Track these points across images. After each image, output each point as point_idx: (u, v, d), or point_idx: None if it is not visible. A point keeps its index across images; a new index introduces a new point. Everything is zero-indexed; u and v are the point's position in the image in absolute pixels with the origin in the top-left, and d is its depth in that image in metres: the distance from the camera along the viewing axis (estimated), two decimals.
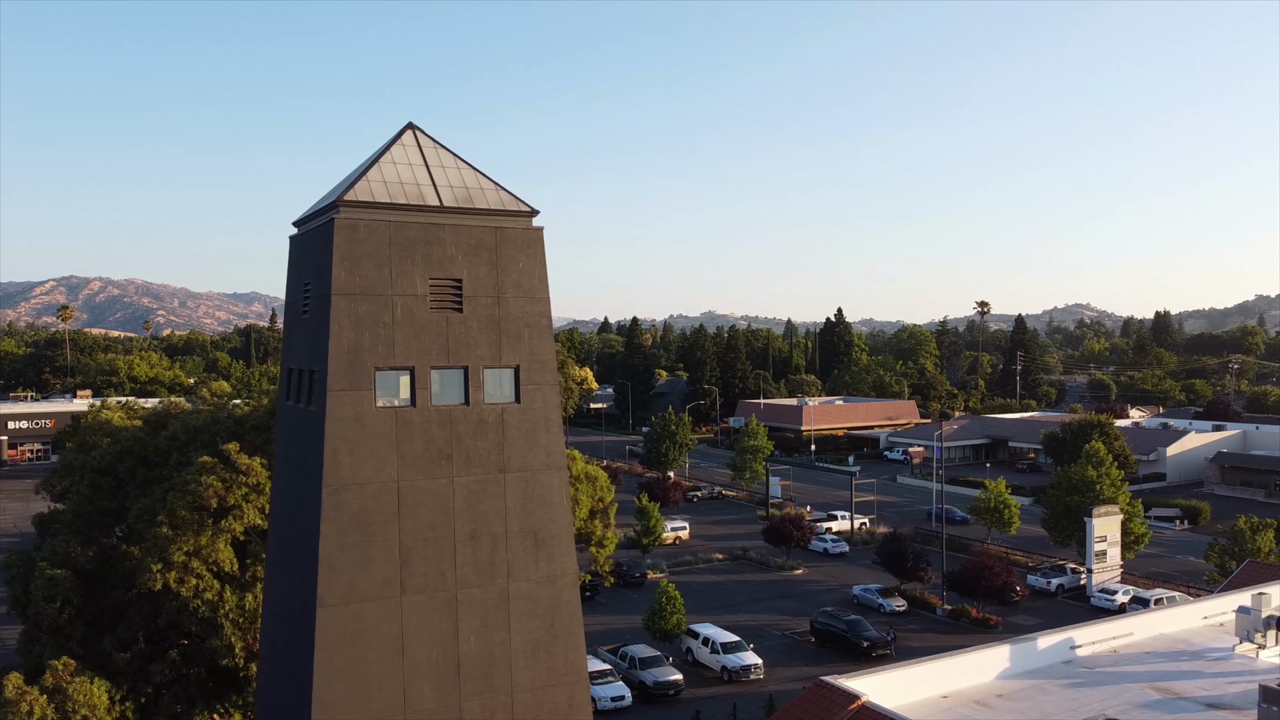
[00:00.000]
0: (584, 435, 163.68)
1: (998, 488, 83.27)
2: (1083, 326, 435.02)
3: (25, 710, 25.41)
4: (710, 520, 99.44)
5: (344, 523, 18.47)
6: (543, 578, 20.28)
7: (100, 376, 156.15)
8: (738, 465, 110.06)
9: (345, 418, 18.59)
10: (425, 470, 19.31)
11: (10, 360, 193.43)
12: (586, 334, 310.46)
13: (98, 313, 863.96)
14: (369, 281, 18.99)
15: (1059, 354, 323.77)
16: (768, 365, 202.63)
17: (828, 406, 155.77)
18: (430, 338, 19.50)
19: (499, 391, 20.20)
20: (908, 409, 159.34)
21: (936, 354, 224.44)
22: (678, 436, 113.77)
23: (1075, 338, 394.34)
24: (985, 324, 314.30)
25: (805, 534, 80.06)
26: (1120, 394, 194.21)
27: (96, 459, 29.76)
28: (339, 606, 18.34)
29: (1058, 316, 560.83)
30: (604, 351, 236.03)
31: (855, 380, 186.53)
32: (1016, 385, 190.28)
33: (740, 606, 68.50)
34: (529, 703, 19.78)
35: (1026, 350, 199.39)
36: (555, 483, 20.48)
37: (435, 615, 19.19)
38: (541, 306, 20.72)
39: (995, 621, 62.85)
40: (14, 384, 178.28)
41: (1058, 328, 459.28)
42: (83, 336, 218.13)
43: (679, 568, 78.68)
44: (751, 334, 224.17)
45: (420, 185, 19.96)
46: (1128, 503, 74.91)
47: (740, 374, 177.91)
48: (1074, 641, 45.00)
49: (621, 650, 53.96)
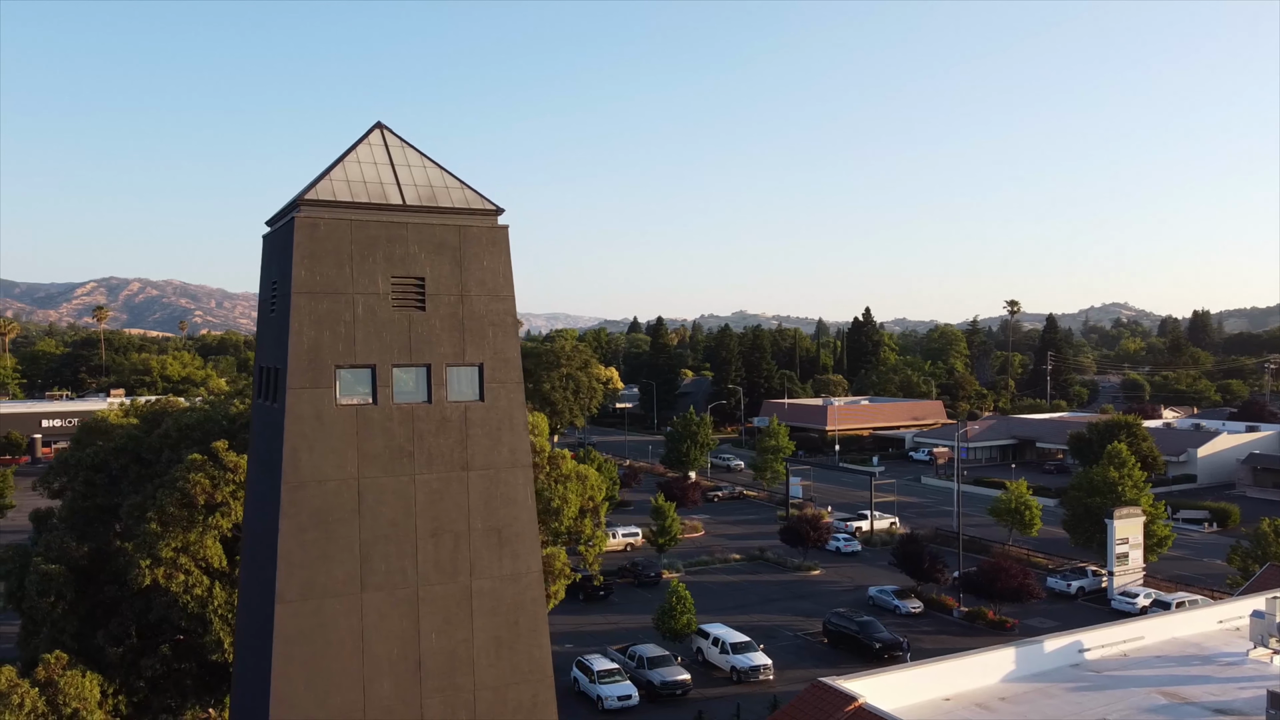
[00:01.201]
0: (608, 434, 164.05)
1: (1018, 489, 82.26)
2: (1119, 326, 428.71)
3: (16, 702, 25.84)
4: (730, 520, 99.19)
5: (303, 519, 18.59)
6: (506, 575, 20.31)
7: (133, 376, 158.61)
8: (758, 465, 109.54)
9: (305, 415, 18.71)
10: (386, 468, 19.41)
11: (48, 360, 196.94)
12: (614, 334, 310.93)
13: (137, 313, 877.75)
14: (329, 280, 19.11)
15: (1094, 354, 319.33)
16: (794, 365, 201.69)
17: (853, 407, 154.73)
18: (392, 336, 19.59)
19: (463, 389, 20.25)
20: (934, 409, 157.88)
21: (966, 354, 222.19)
22: (699, 436, 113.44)
23: (1111, 337, 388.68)
24: (1018, 323, 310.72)
25: (822, 534, 79.60)
26: (1154, 394, 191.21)
27: (91, 456, 30.24)
28: (298, 602, 18.47)
29: (1094, 315, 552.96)
30: (630, 351, 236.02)
31: (882, 380, 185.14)
32: (1046, 385, 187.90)
33: (754, 607, 68.24)
34: (492, 700, 19.82)
35: (1057, 350, 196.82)
36: (519, 481, 20.50)
37: (396, 612, 19.28)
38: (506, 305, 20.73)
39: (1011, 624, 62.11)
40: (51, 383, 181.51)
41: (1093, 327, 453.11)
42: (117, 336, 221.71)
43: (695, 567, 78.50)
44: (779, 334, 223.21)
45: (384, 184, 20.06)
46: (1150, 504, 73.69)
47: (765, 374, 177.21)
48: (1082, 645, 44.31)
49: (630, 650, 53.99)
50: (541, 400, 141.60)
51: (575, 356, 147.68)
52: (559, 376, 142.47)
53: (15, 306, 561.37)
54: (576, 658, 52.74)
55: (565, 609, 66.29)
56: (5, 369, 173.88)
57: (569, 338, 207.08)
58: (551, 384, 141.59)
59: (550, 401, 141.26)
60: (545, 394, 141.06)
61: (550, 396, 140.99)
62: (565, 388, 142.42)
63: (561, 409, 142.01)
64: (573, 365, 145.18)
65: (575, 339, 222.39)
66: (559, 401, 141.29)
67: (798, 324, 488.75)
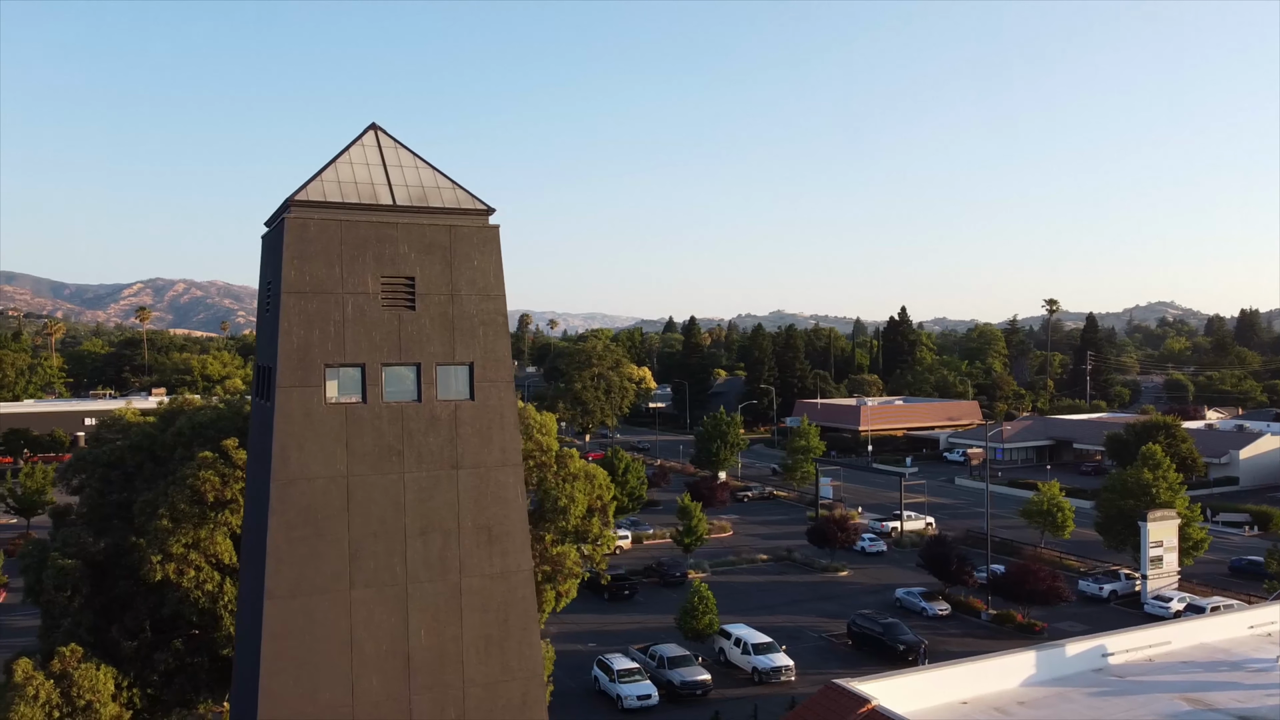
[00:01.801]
0: (639, 434, 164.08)
1: (1050, 490, 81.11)
2: (1164, 325, 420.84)
3: (31, 694, 26.42)
4: (759, 520, 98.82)
5: (292, 516, 18.81)
6: (496, 573, 20.39)
7: (175, 375, 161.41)
8: (788, 465, 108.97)
9: (294, 413, 18.93)
10: (375, 466, 19.57)
11: (93, 359, 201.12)
12: (650, 334, 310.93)
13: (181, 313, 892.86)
14: (319, 280, 19.31)
15: (1137, 353, 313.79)
16: (829, 365, 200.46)
17: (886, 407, 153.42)
18: (382, 335, 19.75)
19: (453, 388, 20.36)
20: (970, 409, 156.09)
21: (1005, 354, 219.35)
22: (729, 436, 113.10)
23: (1156, 336, 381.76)
24: (1059, 323, 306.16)
25: (850, 535, 79.03)
26: (1197, 395, 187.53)
27: (107, 453, 30.85)
28: (286, 599, 18.69)
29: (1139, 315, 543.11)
30: (664, 351, 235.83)
31: (918, 380, 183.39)
32: (1086, 386, 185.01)
33: (780, 607, 67.92)
34: (481, 697, 19.92)
35: (1097, 350, 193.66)
36: (510, 479, 20.57)
37: (385, 609, 19.44)
38: (497, 304, 20.82)
39: (1040, 627, 61.24)
40: (95, 382, 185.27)
41: (1138, 326, 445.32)
42: (160, 337, 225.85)
43: (722, 568, 78.29)
44: (813, 333, 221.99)
45: (375, 185, 20.23)
46: (1185, 507, 72.28)
47: (799, 373, 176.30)
48: (1106, 649, 43.54)
49: (651, 649, 54.00)
50: (573, 400, 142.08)
51: (607, 356, 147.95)
52: (590, 376, 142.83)
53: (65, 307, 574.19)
54: (597, 657, 52.84)
55: (589, 608, 66.44)
56: (52, 369, 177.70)
57: (603, 337, 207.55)
58: (583, 383, 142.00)
59: (581, 401, 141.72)
60: (577, 393, 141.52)
61: (581, 396, 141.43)
62: (597, 387, 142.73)
63: (593, 408, 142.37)
64: (604, 365, 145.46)
65: (609, 339, 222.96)
66: (590, 401, 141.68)
67: (835, 324, 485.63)
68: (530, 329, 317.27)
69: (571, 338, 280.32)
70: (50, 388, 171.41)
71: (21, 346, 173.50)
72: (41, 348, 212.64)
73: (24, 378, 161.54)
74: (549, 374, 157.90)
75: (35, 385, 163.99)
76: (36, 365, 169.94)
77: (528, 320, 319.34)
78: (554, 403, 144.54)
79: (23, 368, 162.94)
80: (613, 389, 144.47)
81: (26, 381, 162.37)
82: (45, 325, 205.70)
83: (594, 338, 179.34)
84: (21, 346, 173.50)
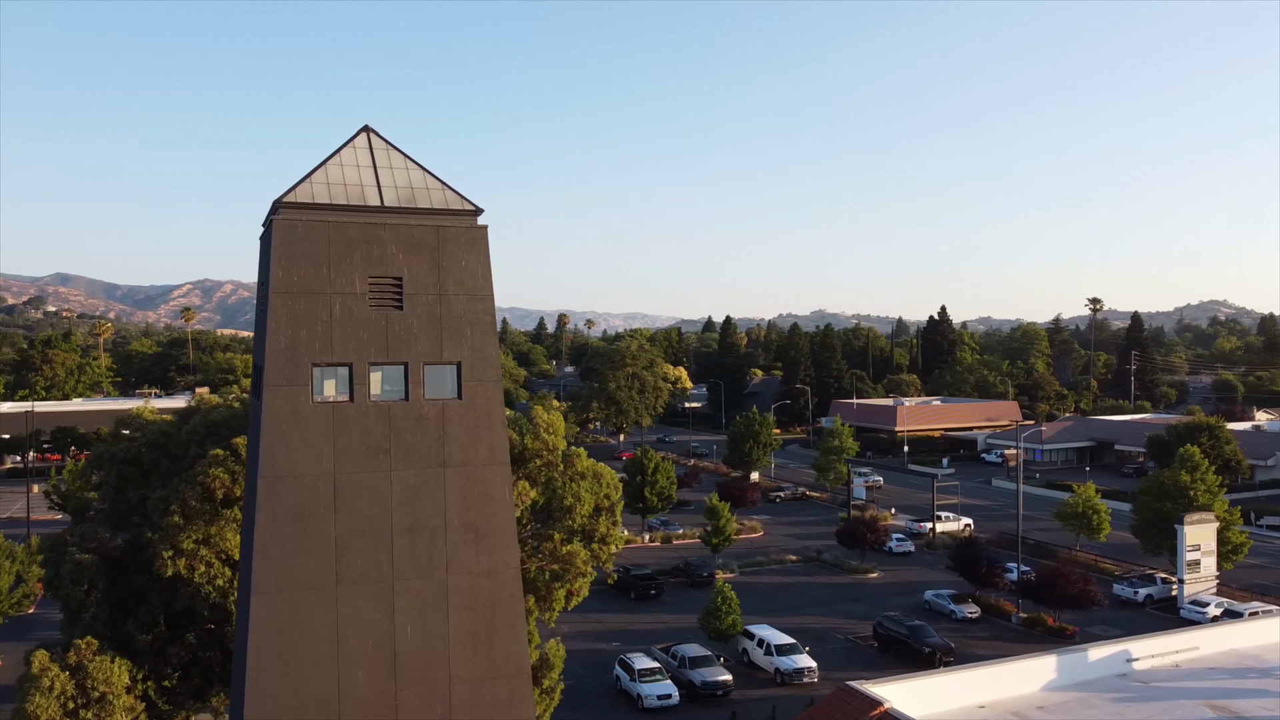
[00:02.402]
0: (674, 434, 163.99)
1: (1086, 492, 79.90)
2: (1215, 324, 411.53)
3: (47, 685, 27.12)
4: (790, 521, 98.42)
5: (279, 513, 19.12)
6: (483, 571, 20.56)
7: (218, 375, 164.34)
8: (821, 466, 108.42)
9: (281, 412, 19.24)
10: (363, 464, 19.82)
11: (140, 359, 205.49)
12: (688, 333, 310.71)
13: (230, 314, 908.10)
14: (306, 280, 19.61)
15: (1187, 353, 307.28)
16: (867, 365, 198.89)
17: (923, 407, 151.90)
18: (369, 335, 20.00)
19: (440, 388, 20.57)
20: (1009, 410, 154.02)
21: (1048, 353, 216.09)
22: (761, 436, 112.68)
23: (1207, 336, 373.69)
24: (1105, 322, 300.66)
25: (879, 536, 78.44)
26: (1247, 395, 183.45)
27: (124, 451, 31.60)
28: (273, 594, 19.01)
29: (1189, 314, 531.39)
30: (700, 351, 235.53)
31: (957, 380, 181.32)
32: (1130, 386, 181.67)
33: (806, 608, 67.61)
34: (467, 694, 20.09)
35: (1142, 349, 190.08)
36: (498, 478, 20.73)
37: (371, 605, 19.69)
38: (485, 304, 21.00)
39: (1071, 631, 60.35)
40: (142, 381, 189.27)
41: (1188, 325, 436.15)
42: (205, 337, 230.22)
43: (750, 568, 78.10)
44: (851, 333, 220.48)
45: (364, 186, 20.50)
46: (1225, 510, 70.76)
47: (835, 373, 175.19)
48: (1130, 654, 42.69)
49: (673, 649, 54.06)
50: (607, 399, 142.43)
51: (641, 356, 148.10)
52: (624, 376, 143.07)
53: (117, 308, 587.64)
54: (619, 656, 52.99)
55: (615, 607, 66.65)
56: (100, 368, 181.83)
57: (640, 337, 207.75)
58: (617, 383, 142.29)
59: (615, 401, 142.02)
60: (611, 393, 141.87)
61: (615, 396, 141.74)
62: (630, 387, 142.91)
63: (627, 408, 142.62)
64: (638, 365, 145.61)
65: (647, 338, 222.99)
66: (624, 401, 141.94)
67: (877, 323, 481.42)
68: (568, 328, 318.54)
69: (610, 337, 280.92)
70: (98, 386, 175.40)
71: (71, 346, 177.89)
72: (91, 347, 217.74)
73: (73, 377, 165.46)
74: (585, 374, 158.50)
75: (84, 384, 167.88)
76: (85, 365, 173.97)
77: (565, 320, 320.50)
78: (587, 402, 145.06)
79: (72, 367, 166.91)
80: (646, 388, 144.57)
81: (76, 380, 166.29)
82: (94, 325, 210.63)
83: (629, 338, 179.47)
84: (71, 346, 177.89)
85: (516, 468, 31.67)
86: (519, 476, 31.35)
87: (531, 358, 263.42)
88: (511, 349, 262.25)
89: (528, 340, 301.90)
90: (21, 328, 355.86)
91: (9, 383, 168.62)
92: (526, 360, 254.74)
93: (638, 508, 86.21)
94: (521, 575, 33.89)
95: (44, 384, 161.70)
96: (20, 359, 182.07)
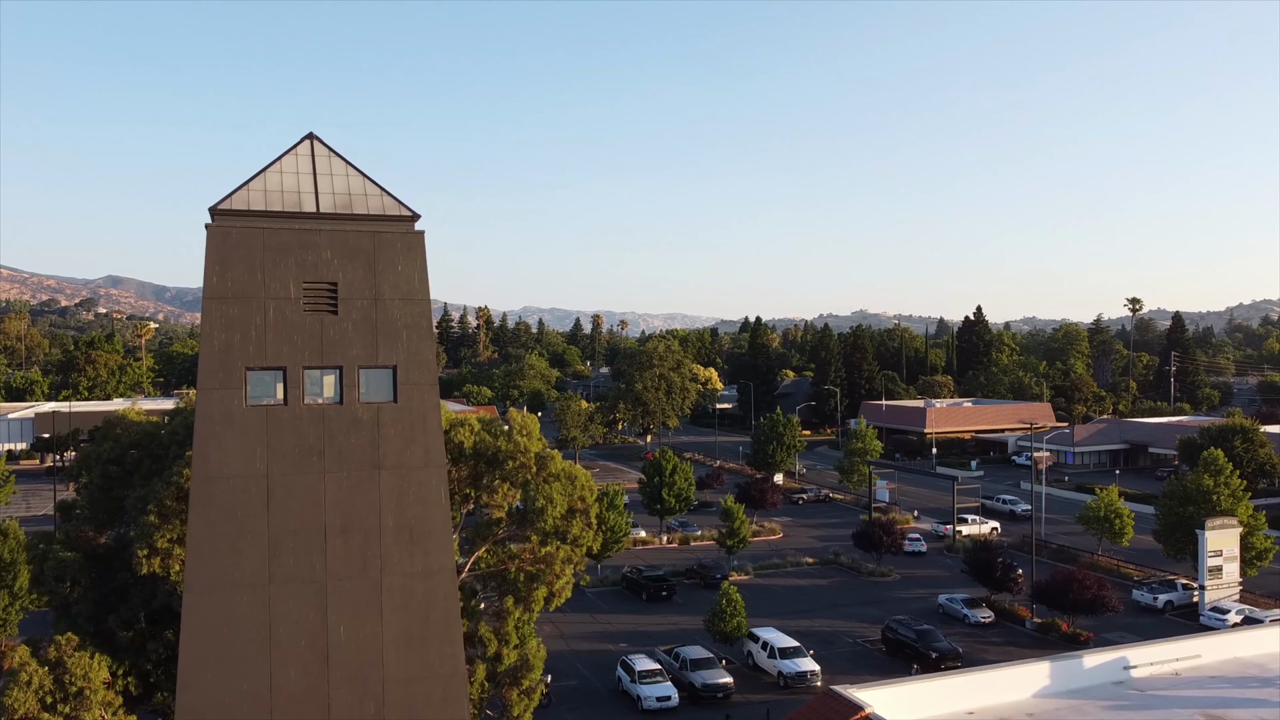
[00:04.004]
0: (702, 435, 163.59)
1: (1108, 496, 78.57)
2: (1267, 324, 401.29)
3: (25, 680, 27.83)
4: (811, 523, 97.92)
5: (212, 514, 19.53)
6: (418, 572, 20.80)
7: None
8: (844, 468, 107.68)
9: (213, 415, 19.66)
10: (296, 465, 20.16)
11: (181, 360, 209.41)
12: (723, 334, 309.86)
13: None
14: (240, 285, 20.01)
15: (1236, 354, 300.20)
16: (901, 366, 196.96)
17: (954, 409, 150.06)
18: (303, 339, 20.34)
19: (376, 391, 20.85)
20: (1043, 412, 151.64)
21: (1087, 354, 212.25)
22: (785, 438, 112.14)
23: (1257, 336, 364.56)
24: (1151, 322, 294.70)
25: (896, 539, 77.75)
26: None
27: (108, 450, 32.38)
28: (206, 593, 19.42)
29: (1241, 313, 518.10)
30: (733, 352, 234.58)
31: (992, 382, 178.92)
32: (1170, 388, 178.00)
33: (819, 611, 67.26)
34: (400, 694, 20.34)
35: (1183, 350, 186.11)
36: (433, 480, 20.96)
37: (304, 605, 20.02)
38: (420, 308, 21.25)
39: (1086, 637, 59.46)
40: (181, 382, 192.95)
41: (1239, 325, 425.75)
42: None
43: (765, 570, 77.81)
44: (886, 334, 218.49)
45: (301, 193, 20.86)
46: (1249, 515, 69.16)
47: (866, 375, 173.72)
48: (1128, 661, 41.95)
49: (676, 651, 54.14)
50: (634, 400, 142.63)
51: (669, 357, 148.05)
52: (652, 377, 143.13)
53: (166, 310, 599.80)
54: (621, 657, 53.16)
55: (626, 608, 66.80)
56: (141, 369, 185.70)
57: (672, 338, 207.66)
58: (644, 384, 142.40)
59: (643, 402, 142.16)
60: (638, 394, 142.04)
61: (643, 397, 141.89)
62: (658, 388, 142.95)
63: (654, 409, 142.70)
64: (665, 366, 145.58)
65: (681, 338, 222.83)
66: (651, 402, 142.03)
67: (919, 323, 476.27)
68: (603, 329, 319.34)
69: (644, 338, 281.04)
70: (139, 387, 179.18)
71: (114, 347, 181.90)
72: (135, 348, 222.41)
73: (114, 377, 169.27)
74: (616, 375, 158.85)
75: (125, 384, 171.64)
76: (127, 365, 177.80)
77: (599, 321, 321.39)
78: (614, 403, 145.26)
79: (114, 368, 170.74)
80: (674, 390, 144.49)
81: (117, 381, 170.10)
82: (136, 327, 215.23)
83: (658, 339, 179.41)
84: (114, 347, 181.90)
85: (492, 469, 31.95)
86: (496, 478, 31.63)
87: (566, 358, 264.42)
88: (547, 350, 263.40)
89: (564, 341, 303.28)
90: (73, 329, 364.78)
91: (54, 382, 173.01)
92: (561, 361, 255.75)
93: (656, 509, 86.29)
94: (502, 575, 34.35)
95: (87, 384, 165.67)
96: (65, 359, 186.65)
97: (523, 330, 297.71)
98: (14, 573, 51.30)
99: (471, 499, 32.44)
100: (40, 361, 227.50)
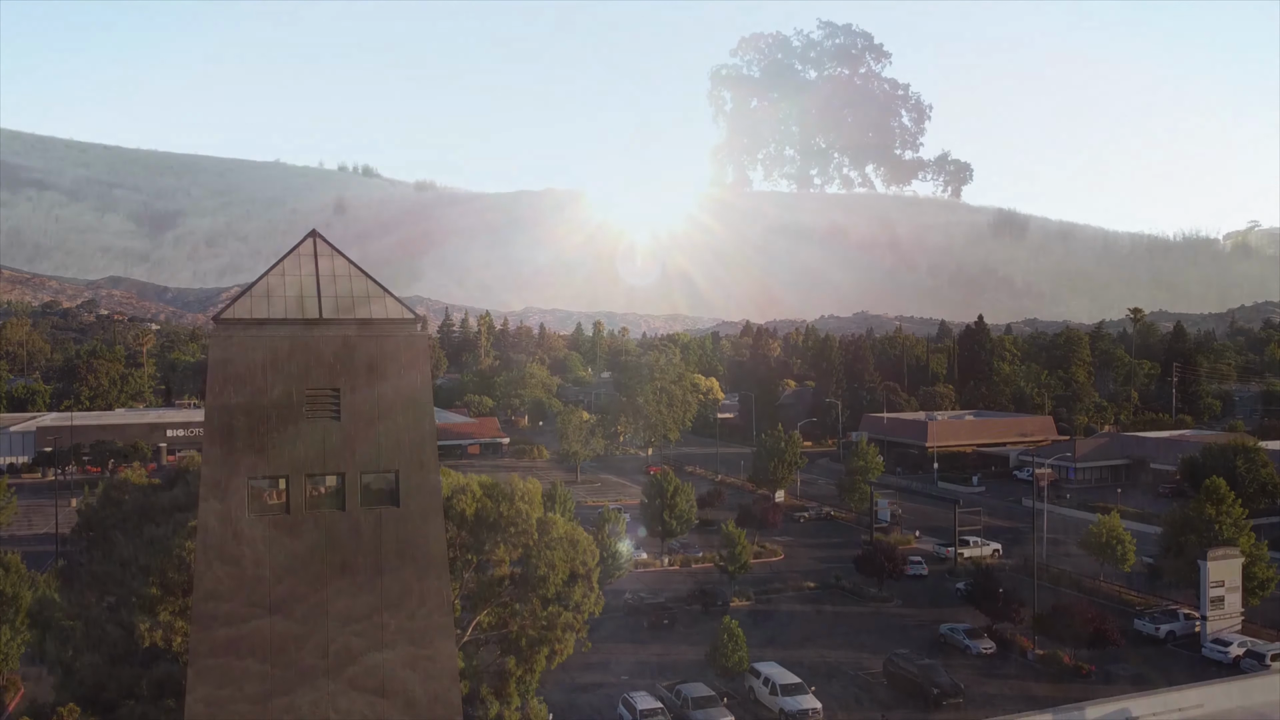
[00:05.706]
0: (703, 447, 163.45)
1: (1110, 523, 78.30)
2: (1269, 327, 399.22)
3: None
4: (813, 543, 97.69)
5: (216, 629, 19.45)
6: (419, 667, 20.74)
7: None
8: (845, 486, 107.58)
9: (212, 525, 19.60)
10: (298, 574, 20.08)
11: (183, 367, 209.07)
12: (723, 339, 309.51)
13: None
14: (242, 394, 19.96)
15: (1237, 359, 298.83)
16: (902, 374, 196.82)
17: (955, 422, 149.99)
18: (305, 446, 20.30)
19: (377, 496, 20.80)
20: (1044, 425, 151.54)
21: (1089, 361, 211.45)
22: (786, 455, 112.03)
23: (1260, 340, 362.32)
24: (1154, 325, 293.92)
25: (897, 565, 77.67)
26: None
27: (111, 516, 32.39)
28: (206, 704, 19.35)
29: (1242, 316, 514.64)
30: (734, 359, 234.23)
31: (993, 392, 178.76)
32: (1172, 398, 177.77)
33: (820, 640, 67.15)
34: None
35: (1185, 359, 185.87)
36: (435, 583, 20.91)
37: (305, 709, 19.94)
38: (422, 410, 21.21)
39: (1088, 670, 59.45)
40: (182, 391, 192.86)
41: (1240, 328, 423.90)
42: None
43: (766, 595, 77.67)
44: (887, 341, 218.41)
45: (304, 298, 20.81)
46: (1251, 545, 69.05)
47: (869, 385, 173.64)
48: (1130, 712, 41.98)
49: (677, 688, 54.10)
50: (634, 414, 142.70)
51: (669, 370, 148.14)
52: (652, 390, 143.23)
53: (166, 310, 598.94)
54: (623, 695, 53.10)
55: (626, 637, 66.65)
56: (143, 378, 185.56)
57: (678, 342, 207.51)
58: (645, 398, 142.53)
59: (643, 415, 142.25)
60: (639, 408, 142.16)
61: (643, 410, 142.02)
62: (659, 401, 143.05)
63: (655, 423, 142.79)
64: (666, 379, 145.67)
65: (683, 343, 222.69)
66: (652, 415, 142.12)
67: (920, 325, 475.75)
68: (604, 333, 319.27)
69: (646, 343, 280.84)
70: (140, 396, 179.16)
71: (115, 356, 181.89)
72: (137, 352, 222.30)
73: (116, 386, 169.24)
74: (618, 385, 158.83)
75: (126, 394, 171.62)
76: (128, 375, 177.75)
77: (600, 326, 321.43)
78: (616, 416, 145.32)
79: (115, 377, 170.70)
80: (675, 403, 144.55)
81: (119, 390, 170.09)
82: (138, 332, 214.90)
83: (660, 350, 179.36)
84: (115, 356, 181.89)
85: (493, 534, 31.97)
86: (496, 543, 31.65)
87: (568, 364, 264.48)
88: (548, 355, 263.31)
89: (564, 345, 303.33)
90: (74, 330, 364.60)
91: (56, 391, 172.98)
92: (563, 367, 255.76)
93: (657, 530, 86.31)
94: (504, 635, 34.36)
95: (89, 393, 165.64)
96: (66, 367, 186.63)
97: (524, 335, 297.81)
98: (16, 607, 51.31)
99: (472, 564, 32.45)
100: (42, 367, 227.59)
